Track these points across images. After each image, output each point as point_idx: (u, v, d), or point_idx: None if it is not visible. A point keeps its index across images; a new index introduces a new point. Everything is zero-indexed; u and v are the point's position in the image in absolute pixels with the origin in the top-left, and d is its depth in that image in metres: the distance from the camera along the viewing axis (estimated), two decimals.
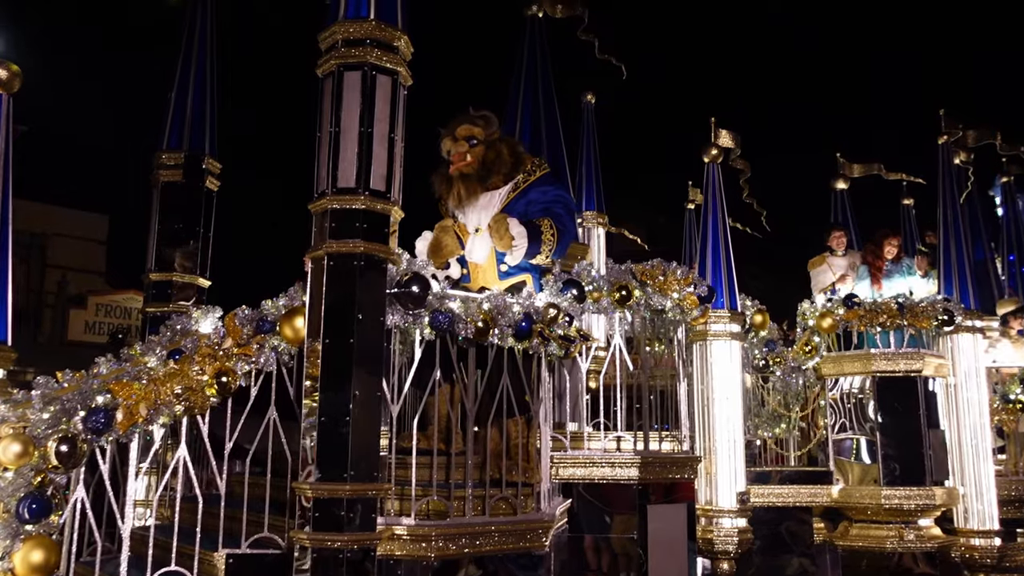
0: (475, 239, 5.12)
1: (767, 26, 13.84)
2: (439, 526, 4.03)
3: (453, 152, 5.22)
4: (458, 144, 5.22)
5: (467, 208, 5.14)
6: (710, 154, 6.38)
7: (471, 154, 5.18)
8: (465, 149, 5.20)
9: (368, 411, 3.81)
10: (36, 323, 20.19)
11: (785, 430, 8.06)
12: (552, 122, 6.54)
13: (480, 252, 5.07)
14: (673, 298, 5.36)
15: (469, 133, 5.23)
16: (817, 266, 8.42)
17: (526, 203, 5.11)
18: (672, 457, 5.34)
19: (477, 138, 5.22)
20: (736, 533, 5.87)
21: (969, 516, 7.12)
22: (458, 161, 5.18)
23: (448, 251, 5.08)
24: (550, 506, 4.92)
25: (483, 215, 5.10)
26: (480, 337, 4.17)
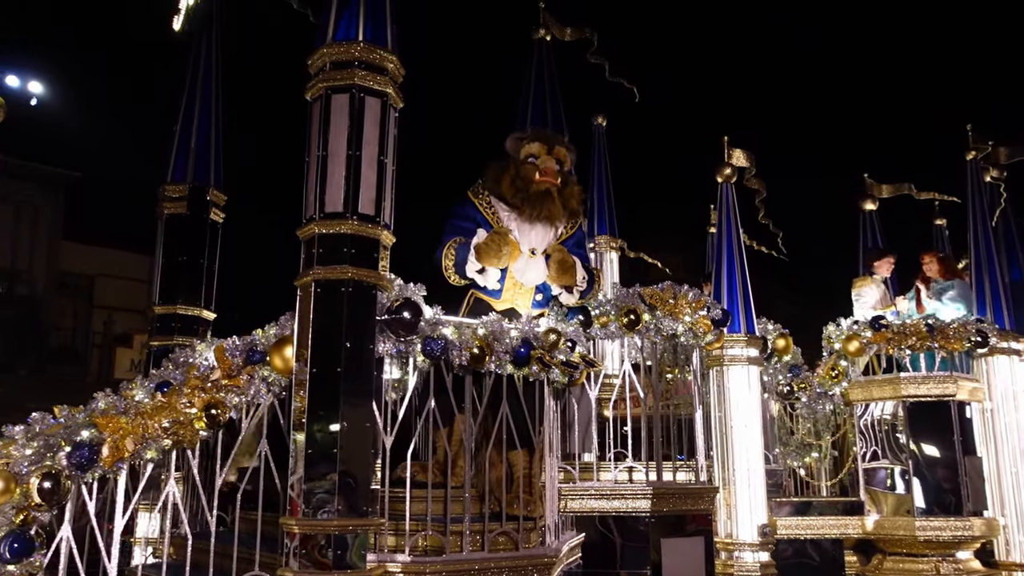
0: (530, 262, 5.05)
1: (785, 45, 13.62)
2: (435, 563, 3.86)
3: (545, 165, 5.08)
4: (552, 160, 5.12)
5: (535, 225, 5.03)
6: (723, 174, 6.20)
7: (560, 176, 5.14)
8: (556, 169, 5.13)
9: (357, 442, 3.67)
10: (84, 362, 20.51)
11: (817, 459, 7.78)
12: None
13: (534, 275, 5.00)
14: (685, 322, 5.17)
15: (563, 158, 5.21)
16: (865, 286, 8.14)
17: (572, 244, 5.10)
18: (687, 488, 5.12)
19: (563, 166, 5.19)
20: (758, 568, 5.60)
21: (1011, 548, 6.75)
22: (550, 175, 5.07)
23: (505, 260, 4.95)
24: (558, 540, 4.73)
25: (542, 241, 5.01)
26: (476, 364, 4.03)
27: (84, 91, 17.66)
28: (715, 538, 5.76)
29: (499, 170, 5.11)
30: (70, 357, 20.54)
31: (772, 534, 5.78)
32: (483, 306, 4.86)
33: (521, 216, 5.02)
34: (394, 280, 3.99)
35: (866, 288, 8.10)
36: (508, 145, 5.20)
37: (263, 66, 5.63)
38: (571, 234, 5.19)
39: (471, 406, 4.09)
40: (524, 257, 4.99)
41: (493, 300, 4.93)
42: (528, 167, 5.04)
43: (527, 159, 5.06)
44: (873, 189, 10.59)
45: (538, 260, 4.98)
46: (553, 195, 5.02)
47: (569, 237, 5.17)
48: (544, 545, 4.37)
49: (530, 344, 4.16)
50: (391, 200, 4.05)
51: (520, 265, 4.99)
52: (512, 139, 5.20)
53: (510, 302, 4.92)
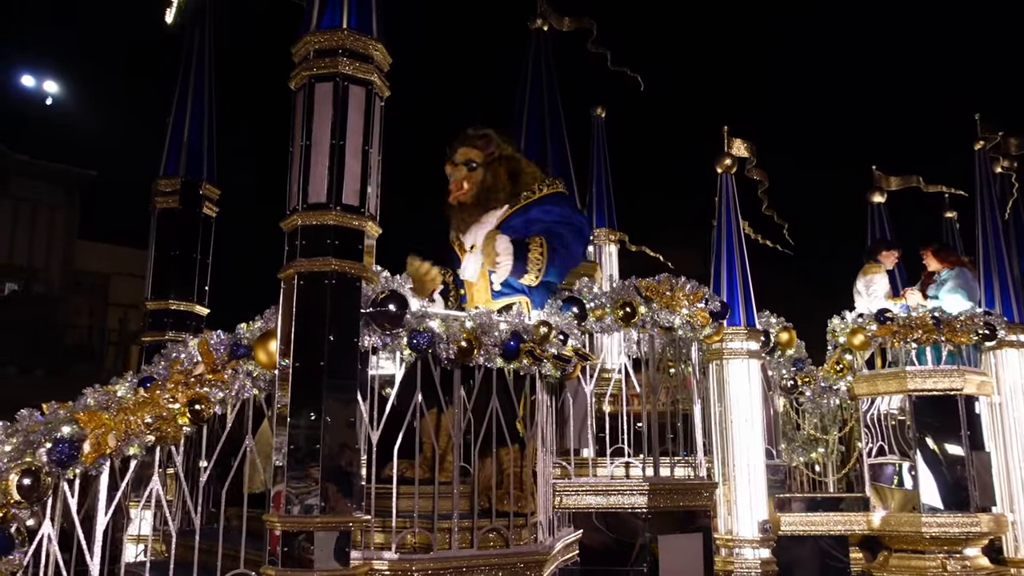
0: (469, 257, 4.96)
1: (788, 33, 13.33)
2: (422, 560, 3.78)
3: (451, 179, 5.13)
4: (457, 170, 5.12)
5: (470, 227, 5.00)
6: (723, 164, 6.09)
7: (468, 180, 5.08)
8: (463, 175, 5.09)
9: (341, 438, 3.59)
10: (100, 360, 20.60)
11: (824, 455, 7.67)
12: (558, 138, 6.32)
13: (471, 269, 4.89)
14: (682, 314, 5.07)
15: (467, 157, 5.12)
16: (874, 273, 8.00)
17: (525, 221, 4.91)
18: (684, 484, 5.03)
19: (476, 161, 5.09)
20: (759, 564, 5.49)
21: (1020, 544, 6.62)
22: (456, 191, 5.10)
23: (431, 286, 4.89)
24: (552, 538, 4.64)
25: (480, 233, 4.92)
26: (464, 357, 3.94)
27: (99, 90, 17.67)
28: (715, 535, 5.68)
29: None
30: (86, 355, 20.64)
31: (773, 531, 5.68)
32: None
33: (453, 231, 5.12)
34: (380, 272, 3.92)
35: (878, 276, 7.95)
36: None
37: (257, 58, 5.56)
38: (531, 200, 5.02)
39: (460, 401, 4.01)
40: (467, 255, 4.97)
41: (464, 306, 4.89)
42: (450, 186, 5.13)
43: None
44: (881, 181, 10.46)
45: (476, 253, 4.91)
46: (466, 203, 5.02)
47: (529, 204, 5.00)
48: (536, 542, 4.29)
49: (520, 337, 4.08)
50: (377, 191, 3.97)
51: (464, 263, 4.97)
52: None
53: (477, 301, 4.85)
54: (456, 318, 3.96)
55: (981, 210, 7.39)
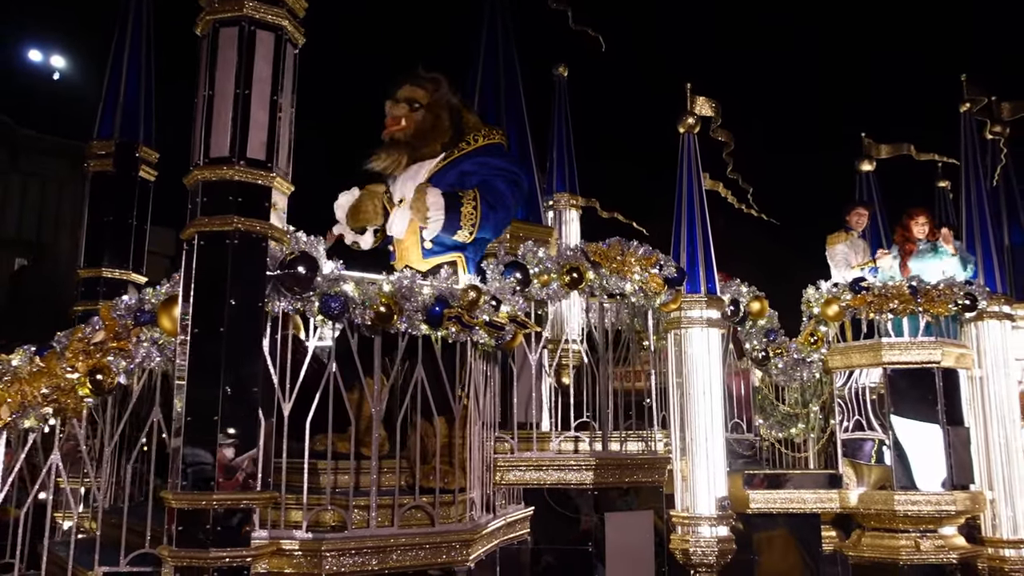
0: (396, 212, 4.64)
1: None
2: (335, 539, 3.55)
3: (389, 114, 4.76)
4: (397, 107, 4.75)
5: (397, 177, 4.68)
6: (685, 123, 5.77)
7: (408, 119, 4.72)
8: (403, 113, 4.73)
9: (242, 410, 3.35)
10: None
11: (804, 430, 7.41)
12: (514, 95, 5.98)
13: (399, 226, 4.59)
14: (634, 280, 4.80)
15: (411, 95, 4.76)
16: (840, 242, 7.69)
17: (459, 174, 4.60)
18: (634, 459, 4.78)
19: (420, 102, 4.75)
20: (715, 543, 5.25)
21: (999, 523, 6.36)
22: (391, 126, 4.73)
23: (365, 217, 4.64)
24: (491, 515, 4.42)
25: (408, 185, 4.61)
26: (382, 324, 3.69)
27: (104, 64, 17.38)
28: (672, 512, 5.44)
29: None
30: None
31: (734, 507, 5.43)
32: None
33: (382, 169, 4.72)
34: (291, 232, 3.66)
35: (838, 246, 7.66)
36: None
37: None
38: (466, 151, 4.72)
39: (379, 371, 3.76)
40: (395, 210, 4.65)
41: (393, 263, 4.61)
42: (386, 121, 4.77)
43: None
44: (871, 149, 10.15)
45: (404, 208, 4.59)
46: (399, 140, 4.67)
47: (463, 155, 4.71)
48: (467, 521, 4.05)
49: (445, 302, 3.82)
50: (289, 145, 3.70)
51: (391, 219, 4.65)
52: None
53: (404, 259, 4.57)
54: (373, 281, 3.70)
55: (966, 175, 7.07)
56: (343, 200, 4.71)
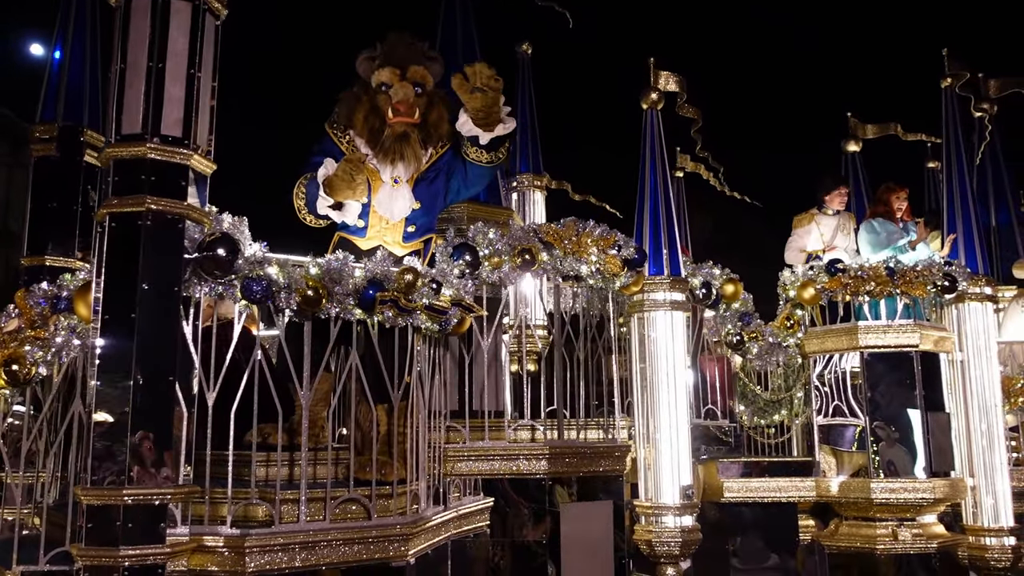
0: (395, 192, 4.36)
1: None
2: (260, 535, 3.38)
3: (399, 96, 4.32)
4: (404, 87, 4.32)
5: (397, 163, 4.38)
6: (648, 99, 5.56)
7: (417, 106, 4.36)
8: (413, 98, 4.34)
9: (156, 399, 3.17)
10: None
11: (788, 416, 7.23)
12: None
13: (397, 207, 4.34)
14: (591, 261, 4.61)
15: (422, 78, 4.39)
16: (803, 225, 7.49)
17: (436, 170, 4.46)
18: (591, 447, 4.60)
19: (424, 87, 4.41)
20: (680, 533, 5.07)
21: (979, 511, 6.18)
22: (405, 113, 4.31)
23: (361, 191, 4.22)
24: (441, 507, 4.25)
25: (406, 170, 4.37)
26: (310, 308, 3.51)
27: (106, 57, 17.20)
28: (636, 502, 5.27)
29: (352, 102, 4.40)
30: None
31: (695, 495, 5.25)
32: (349, 248, 4.29)
33: (377, 157, 4.38)
34: (214, 213, 3.48)
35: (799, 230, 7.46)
36: (359, 68, 4.43)
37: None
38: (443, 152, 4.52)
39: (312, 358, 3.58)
40: (387, 187, 4.36)
41: (357, 239, 4.35)
42: (382, 98, 4.33)
43: (380, 88, 4.38)
44: (857, 129, 9.91)
45: (402, 189, 4.34)
46: (412, 136, 4.33)
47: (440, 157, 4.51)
48: (409, 513, 3.88)
49: (379, 285, 3.63)
50: (210, 121, 3.52)
51: (383, 196, 4.36)
52: (362, 60, 4.42)
53: (377, 239, 4.32)
54: (299, 264, 3.52)
55: (947, 152, 6.85)
56: (323, 172, 4.29)
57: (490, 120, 4.20)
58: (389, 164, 4.31)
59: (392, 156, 4.28)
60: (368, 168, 4.27)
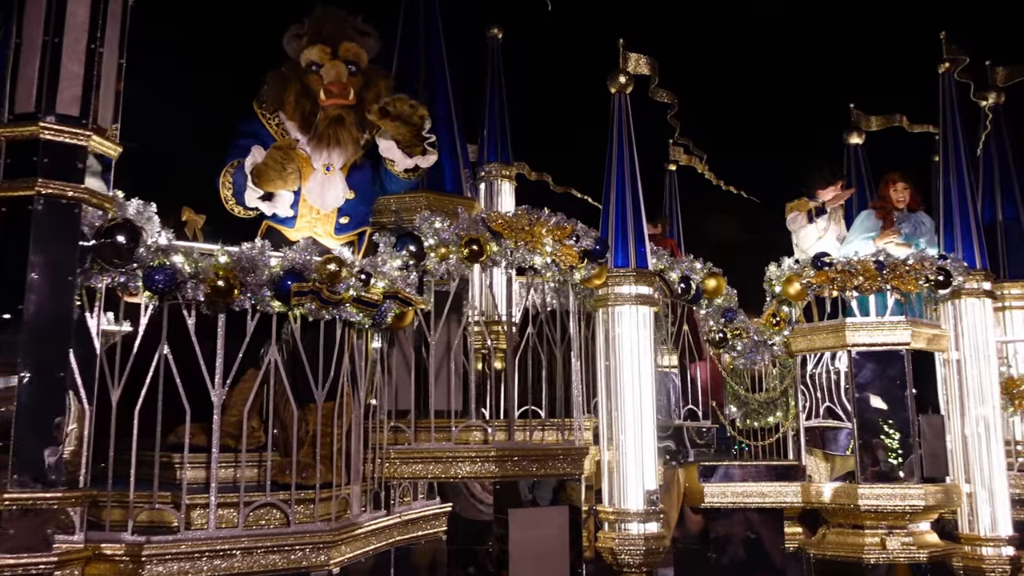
0: (326, 180, 4.13)
1: None
2: (160, 542, 3.16)
3: (331, 76, 4.09)
4: (336, 65, 4.08)
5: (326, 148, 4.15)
6: (617, 82, 5.27)
7: (352, 86, 4.11)
8: (346, 76, 4.10)
9: (44, 399, 2.96)
10: None
11: (783, 418, 6.92)
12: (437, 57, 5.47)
13: (329, 197, 4.11)
14: (545, 252, 4.35)
15: (355, 56, 4.15)
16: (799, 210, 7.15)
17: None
18: (544, 449, 4.34)
19: (359, 65, 4.17)
20: (643, 541, 4.79)
21: (976, 519, 5.84)
22: (338, 94, 4.08)
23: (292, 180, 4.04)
24: (381, 512, 4.02)
25: (337, 153, 4.14)
26: (221, 299, 3.28)
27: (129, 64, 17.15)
28: (599, 507, 5.00)
29: (281, 84, 4.15)
30: None
31: (659, 502, 4.97)
32: (277, 238, 4.06)
33: (310, 143, 4.15)
34: (119, 198, 3.26)
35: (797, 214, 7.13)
36: (286, 46, 4.18)
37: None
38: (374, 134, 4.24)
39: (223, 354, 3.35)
40: (318, 175, 4.12)
41: (286, 229, 4.13)
42: (313, 79, 4.08)
43: (310, 67, 4.14)
44: (860, 121, 9.57)
45: (335, 177, 4.10)
46: (347, 119, 4.09)
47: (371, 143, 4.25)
48: (345, 519, 3.65)
49: (297, 275, 3.40)
50: (115, 101, 3.30)
51: (313, 184, 4.12)
52: (290, 37, 4.17)
53: (307, 230, 4.09)
54: (208, 252, 3.30)
55: (944, 141, 6.50)
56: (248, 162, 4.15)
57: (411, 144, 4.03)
58: (324, 150, 4.06)
59: (326, 142, 4.04)
60: (299, 155, 4.04)
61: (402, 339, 4.52)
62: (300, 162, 4.07)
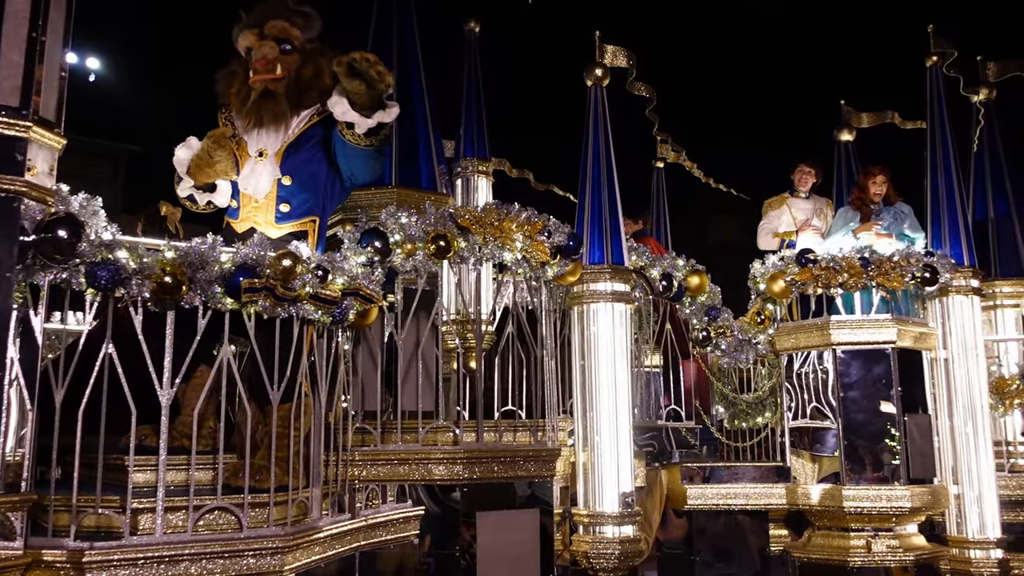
0: (256, 165, 3.98)
1: None
2: (103, 548, 3.04)
3: (258, 55, 3.95)
4: (267, 44, 3.95)
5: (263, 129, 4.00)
6: (593, 75, 5.15)
7: (282, 64, 3.95)
8: (275, 55, 3.94)
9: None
10: None
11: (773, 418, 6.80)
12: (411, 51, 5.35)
13: (261, 183, 3.95)
14: (515, 249, 4.23)
15: (284, 34, 3.99)
16: (774, 208, 7.06)
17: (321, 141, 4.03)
18: (514, 450, 4.22)
19: (294, 43, 4.01)
20: (619, 545, 4.67)
21: (964, 522, 5.72)
22: (263, 70, 3.92)
23: (220, 170, 3.96)
24: (345, 516, 3.91)
25: (272, 138, 3.99)
26: (169, 296, 3.17)
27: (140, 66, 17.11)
28: (573, 510, 4.88)
29: (228, 78, 4.05)
30: None
31: (634, 504, 4.84)
32: (229, 233, 3.95)
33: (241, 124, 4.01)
34: (63, 192, 3.15)
35: (771, 213, 7.02)
36: (234, 41, 4.06)
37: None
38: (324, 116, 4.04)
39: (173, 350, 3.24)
40: (251, 161, 3.98)
41: (233, 221, 4.01)
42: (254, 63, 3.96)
43: (248, 55, 3.98)
44: (851, 118, 9.45)
45: (267, 162, 3.94)
46: (277, 95, 3.91)
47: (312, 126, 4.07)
48: (302, 522, 3.54)
49: (249, 271, 3.28)
50: (59, 91, 3.19)
51: (246, 172, 3.98)
52: (235, 32, 4.05)
53: (249, 221, 3.97)
54: (154, 247, 3.18)
55: (931, 135, 6.39)
56: (182, 154, 4.07)
57: (370, 106, 3.81)
58: (253, 130, 3.94)
59: (250, 118, 3.91)
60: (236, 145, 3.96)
61: (370, 338, 4.40)
62: (239, 151, 3.99)
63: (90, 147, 20.06)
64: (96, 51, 16.09)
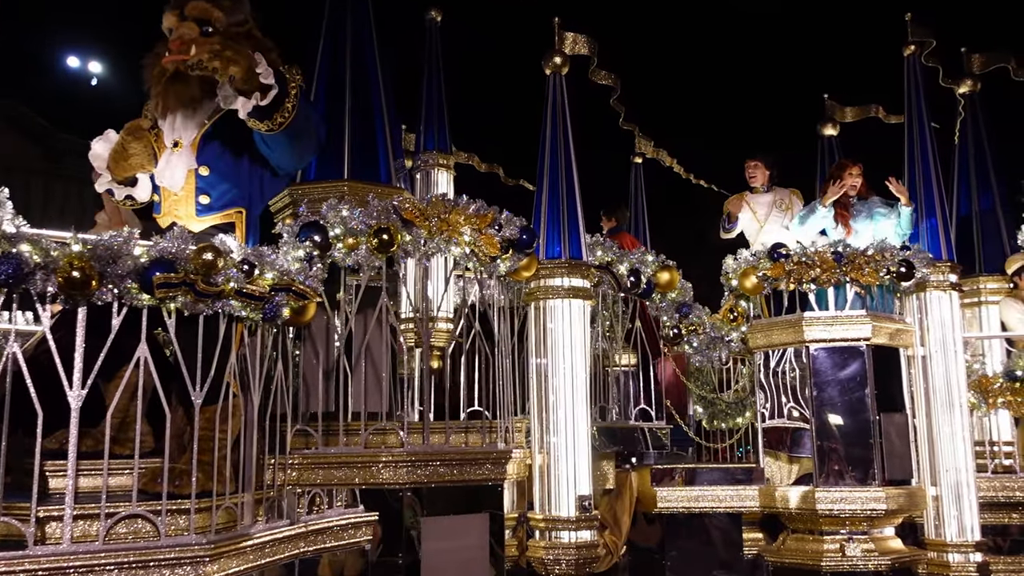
0: (172, 157, 3.78)
1: None
2: (6, 560, 2.86)
3: (175, 36, 3.72)
4: (185, 25, 3.71)
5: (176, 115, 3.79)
6: (552, 63, 4.96)
7: (199, 46, 3.64)
8: (192, 36, 3.68)
9: None
10: None
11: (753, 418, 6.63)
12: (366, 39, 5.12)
13: (176, 175, 3.75)
14: (463, 242, 4.06)
15: (204, 15, 3.74)
16: (734, 207, 6.91)
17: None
18: (462, 453, 4.04)
19: (215, 25, 3.76)
20: (575, 550, 4.49)
21: (942, 524, 5.54)
22: (176, 51, 3.64)
23: (136, 163, 3.77)
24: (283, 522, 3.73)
25: (187, 127, 3.80)
26: (78, 292, 2.99)
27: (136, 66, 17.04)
28: (529, 514, 4.70)
29: (153, 64, 3.78)
30: None
31: (592, 508, 4.66)
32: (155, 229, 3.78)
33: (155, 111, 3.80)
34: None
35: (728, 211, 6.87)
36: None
37: None
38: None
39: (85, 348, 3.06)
40: (167, 153, 3.78)
41: (158, 216, 3.84)
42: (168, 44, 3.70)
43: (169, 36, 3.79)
44: (834, 112, 9.28)
45: (182, 153, 3.74)
46: (187, 76, 3.65)
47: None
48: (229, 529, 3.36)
49: (167, 266, 3.10)
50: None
51: (162, 164, 3.77)
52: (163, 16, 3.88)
53: (171, 215, 3.79)
54: (60, 240, 3.00)
55: (909, 126, 6.21)
56: (99, 148, 3.89)
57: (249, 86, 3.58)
58: (167, 117, 3.75)
59: (158, 101, 3.71)
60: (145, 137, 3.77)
61: (315, 336, 4.23)
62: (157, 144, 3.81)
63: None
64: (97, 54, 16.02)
